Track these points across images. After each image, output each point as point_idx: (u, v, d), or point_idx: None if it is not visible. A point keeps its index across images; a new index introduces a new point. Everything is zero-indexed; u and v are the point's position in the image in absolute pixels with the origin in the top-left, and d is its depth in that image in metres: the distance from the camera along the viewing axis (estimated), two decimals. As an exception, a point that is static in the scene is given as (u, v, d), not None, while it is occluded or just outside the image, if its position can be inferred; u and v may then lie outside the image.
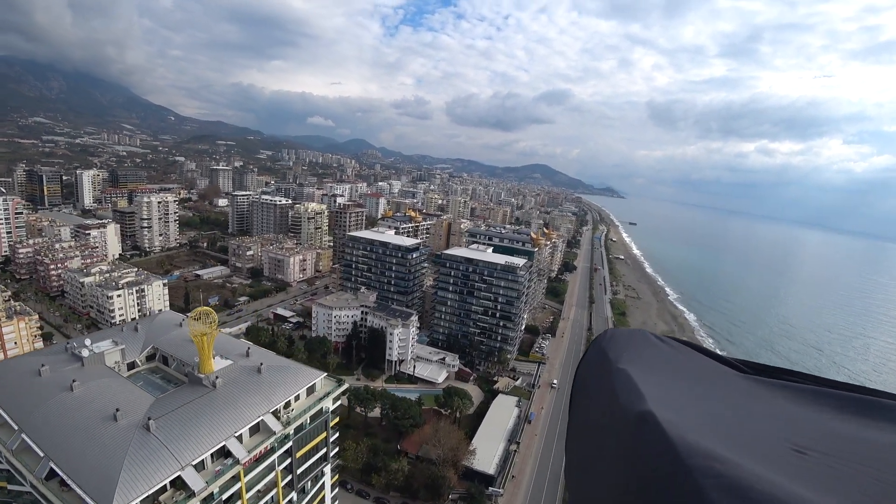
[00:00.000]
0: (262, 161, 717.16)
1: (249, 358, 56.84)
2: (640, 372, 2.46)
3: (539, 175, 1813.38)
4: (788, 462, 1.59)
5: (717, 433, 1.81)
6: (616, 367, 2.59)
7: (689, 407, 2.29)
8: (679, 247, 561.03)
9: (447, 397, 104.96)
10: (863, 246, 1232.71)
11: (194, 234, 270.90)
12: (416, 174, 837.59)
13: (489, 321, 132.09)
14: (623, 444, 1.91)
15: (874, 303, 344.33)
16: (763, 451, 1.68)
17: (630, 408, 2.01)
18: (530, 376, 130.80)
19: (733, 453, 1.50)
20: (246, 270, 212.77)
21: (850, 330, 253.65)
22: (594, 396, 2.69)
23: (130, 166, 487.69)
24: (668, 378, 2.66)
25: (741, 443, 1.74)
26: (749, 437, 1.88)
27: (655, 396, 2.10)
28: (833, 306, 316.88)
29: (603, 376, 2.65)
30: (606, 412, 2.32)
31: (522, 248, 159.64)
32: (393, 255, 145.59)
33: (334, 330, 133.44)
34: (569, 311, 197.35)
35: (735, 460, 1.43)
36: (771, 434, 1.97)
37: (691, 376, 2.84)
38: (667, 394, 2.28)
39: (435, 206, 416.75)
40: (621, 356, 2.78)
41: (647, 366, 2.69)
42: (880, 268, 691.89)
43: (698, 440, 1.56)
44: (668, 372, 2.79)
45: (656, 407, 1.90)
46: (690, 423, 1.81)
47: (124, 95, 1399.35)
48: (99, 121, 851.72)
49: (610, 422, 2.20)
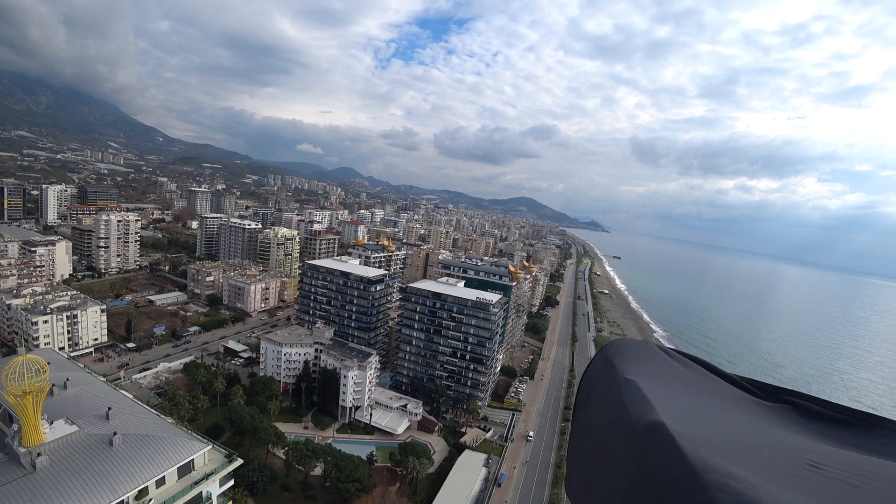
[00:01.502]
0: (247, 185, 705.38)
1: (109, 422, 42.29)
2: (648, 383, 2.40)
3: (524, 208, 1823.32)
4: (804, 478, 1.52)
5: (729, 448, 1.74)
6: (623, 377, 2.52)
7: (700, 421, 2.21)
8: (663, 281, 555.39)
9: (403, 455, 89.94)
10: (838, 280, 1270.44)
11: (158, 257, 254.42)
12: (402, 204, 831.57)
13: (458, 364, 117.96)
14: (631, 455, 1.84)
15: (849, 337, 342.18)
16: (778, 468, 1.61)
17: (639, 418, 1.94)
18: (504, 427, 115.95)
19: (748, 470, 1.44)
20: (205, 297, 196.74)
21: (829, 366, 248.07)
22: (600, 406, 2.61)
23: (110, 184, 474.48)
24: (678, 391, 2.60)
25: (755, 459, 1.66)
26: (762, 454, 1.80)
27: (665, 408, 2.03)
28: (812, 341, 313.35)
29: (609, 386, 2.57)
30: (613, 422, 2.24)
31: (499, 281, 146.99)
32: (354, 286, 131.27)
33: (284, 369, 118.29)
34: (549, 350, 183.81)
35: (750, 478, 1.37)
36: (784, 450, 1.90)
37: (700, 391, 2.77)
38: (677, 406, 2.21)
39: (416, 235, 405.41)
40: (628, 367, 2.71)
41: (656, 378, 2.60)
42: (857, 302, 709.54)
43: (712, 454, 1.50)
44: (677, 385, 2.72)
45: (667, 418, 1.84)
46: (702, 437, 1.75)
47: (113, 114, 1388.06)
48: (85, 138, 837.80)
49: (617, 432, 2.13)
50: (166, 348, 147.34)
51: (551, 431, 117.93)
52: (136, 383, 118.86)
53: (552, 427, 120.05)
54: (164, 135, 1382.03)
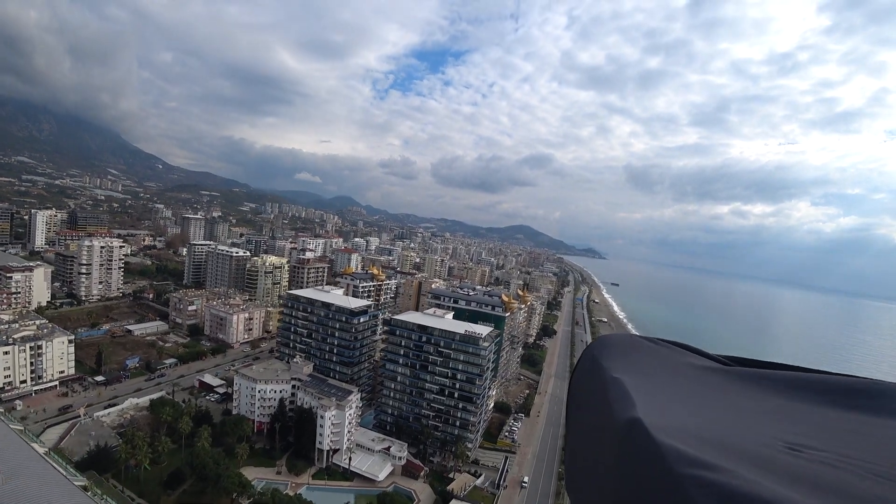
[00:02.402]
0: (244, 213, 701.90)
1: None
2: (630, 378, 2.44)
3: (522, 236, 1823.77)
4: (782, 462, 1.52)
5: (708, 437, 1.74)
6: (609, 374, 2.55)
7: (680, 410, 2.22)
8: (662, 308, 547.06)
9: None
10: (837, 303, 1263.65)
11: (144, 284, 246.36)
12: (399, 232, 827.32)
13: (446, 402, 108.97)
14: (615, 454, 1.84)
15: (852, 363, 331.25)
16: (755, 453, 1.60)
17: (620, 415, 1.95)
18: (496, 471, 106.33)
19: (724, 458, 1.44)
20: (186, 327, 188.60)
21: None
22: (588, 406, 2.64)
23: (105, 210, 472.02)
24: (659, 381, 2.64)
25: (732, 445, 1.67)
26: (740, 438, 1.81)
27: (645, 402, 2.03)
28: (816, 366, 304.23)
29: (595, 384, 2.60)
30: (600, 422, 2.23)
31: (492, 312, 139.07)
32: (336, 318, 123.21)
33: (258, 407, 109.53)
34: (547, 384, 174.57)
35: (726, 466, 1.34)
36: (763, 432, 1.90)
37: (682, 377, 2.79)
38: (657, 398, 2.22)
39: (411, 264, 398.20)
40: (613, 364, 2.73)
41: (638, 370, 2.66)
42: (860, 325, 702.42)
43: (688, 446, 1.49)
44: (660, 375, 2.77)
45: (645, 413, 1.85)
46: (680, 428, 1.76)
47: (114, 141, 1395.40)
48: (85, 164, 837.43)
49: (603, 430, 2.13)
50: (138, 382, 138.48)
51: (548, 476, 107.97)
52: (97, 421, 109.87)
53: (549, 471, 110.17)
54: (164, 162, 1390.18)
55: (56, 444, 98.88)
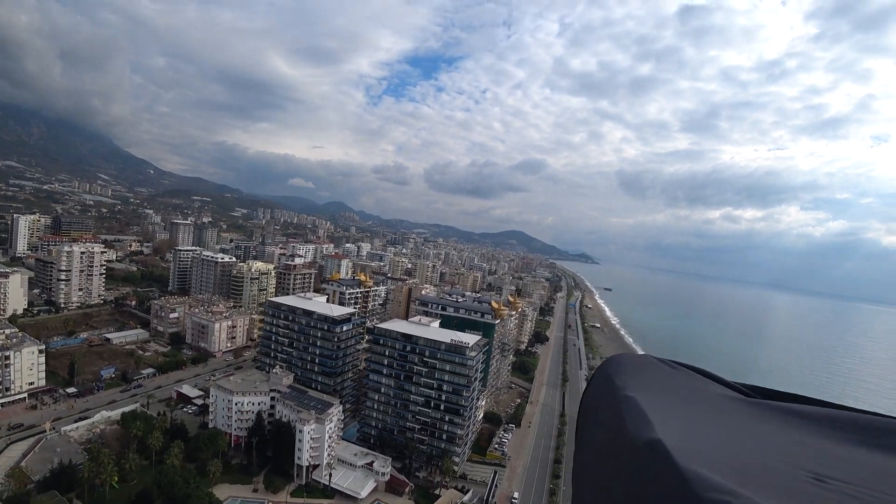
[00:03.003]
0: (235, 219, 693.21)
1: None
2: (647, 398, 2.35)
3: (515, 241, 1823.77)
4: (807, 492, 1.48)
5: (730, 463, 1.67)
6: (623, 394, 2.47)
7: (700, 435, 2.14)
8: (655, 313, 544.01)
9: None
10: (828, 306, 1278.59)
11: (127, 291, 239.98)
12: (391, 237, 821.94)
13: (431, 415, 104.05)
14: (631, 474, 1.80)
15: (844, 365, 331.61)
16: (779, 482, 1.56)
17: (638, 436, 1.88)
18: (485, 486, 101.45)
19: (748, 486, 1.37)
20: (167, 335, 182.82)
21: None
22: (601, 424, 2.57)
23: (94, 216, 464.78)
24: (677, 405, 2.57)
25: (756, 473, 1.60)
26: (764, 467, 1.74)
27: (664, 424, 1.96)
28: (809, 371, 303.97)
29: (610, 403, 2.53)
30: (614, 440, 2.17)
31: (481, 319, 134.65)
32: (318, 326, 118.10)
33: (235, 420, 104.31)
34: (538, 392, 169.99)
35: (750, 493, 1.28)
36: (787, 462, 1.82)
37: (700, 402, 2.72)
38: (677, 421, 2.16)
39: (402, 270, 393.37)
40: (628, 382, 2.66)
41: (655, 392, 2.57)
42: (852, 328, 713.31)
43: (711, 472, 1.43)
44: (677, 398, 2.69)
45: (665, 435, 1.77)
46: (702, 453, 1.69)
47: (106, 146, 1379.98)
48: (75, 169, 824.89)
49: (617, 450, 2.06)
50: (113, 393, 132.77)
51: (539, 492, 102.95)
52: (64, 436, 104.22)
53: (540, 486, 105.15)
54: (156, 167, 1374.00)
55: (17, 463, 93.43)
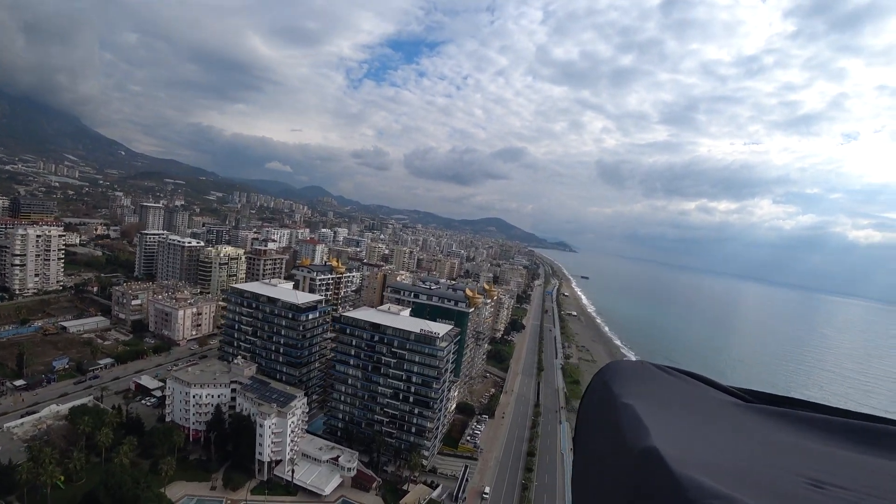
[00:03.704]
0: (210, 202, 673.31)
1: None
2: (644, 405, 2.37)
3: (494, 228, 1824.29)
4: (805, 498, 1.48)
5: (727, 469, 1.70)
6: (620, 401, 2.50)
7: (697, 442, 2.17)
8: (631, 301, 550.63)
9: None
10: (796, 297, 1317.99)
11: (90, 276, 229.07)
12: (370, 223, 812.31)
13: (400, 407, 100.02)
14: (628, 482, 1.81)
15: (814, 354, 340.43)
16: (777, 488, 1.57)
17: (634, 444, 1.90)
18: (455, 480, 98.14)
19: (745, 491, 1.38)
20: (130, 323, 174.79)
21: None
22: (599, 431, 2.59)
23: (60, 198, 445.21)
24: (674, 411, 2.58)
25: (753, 479, 1.61)
26: (761, 473, 1.74)
27: (661, 431, 1.98)
28: (778, 360, 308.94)
29: (607, 410, 2.56)
30: (611, 447, 2.19)
31: (455, 307, 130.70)
32: (282, 314, 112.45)
33: (193, 414, 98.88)
34: (513, 382, 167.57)
35: (747, 499, 1.29)
36: (784, 468, 1.84)
37: (697, 408, 2.75)
38: (673, 428, 2.17)
39: (379, 256, 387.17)
40: (625, 390, 2.69)
41: (651, 399, 2.59)
42: (816, 318, 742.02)
43: (708, 478, 1.44)
44: (673, 405, 2.71)
45: (661, 443, 1.79)
46: (698, 460, 1.71)
47: (73, 125, 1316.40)
48: (39, 149, 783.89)
49: (615, 458, 2.09)
50: (66, 385, 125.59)
51: (511, 485, 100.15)
52: (6, 433, 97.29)
53: (513, 479, 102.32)
54: (128, 149, 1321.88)
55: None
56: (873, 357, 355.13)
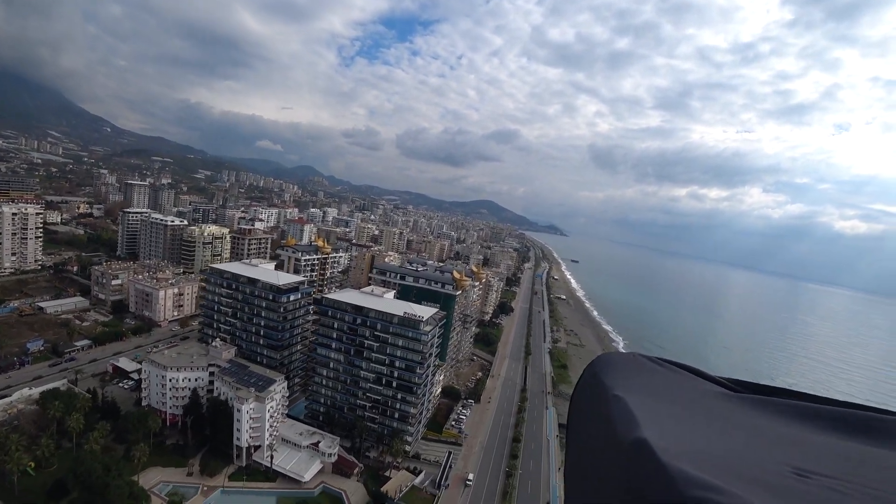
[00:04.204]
0: (198, 181, 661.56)
1: None
2: (634, 397, 2.42)
3: (486, 211, 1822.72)
4: (790, 488, 1.52)
5: (715, 460, 1.73)
6: (611, 393, 2.53)
7: (687, 433, 2.21)
8: (620, 285, 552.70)
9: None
10: (781, 285, 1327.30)
11: (70, 256, 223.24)
12: (361, 203, 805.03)
13: (383, 392, 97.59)
14: (619, 474, 1.83)
15: (800, 345, 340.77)
16: (763, 477, 1.60)
17: (625, 435, 1.93)
18: (439, 466, 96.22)
19: (733, 482, 1.42)
20: (110, 304, 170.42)
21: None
22: (590, 423, 2.62)
23: (41, 175, 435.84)
24: (664, 403, 2.62)
25: (741, 469, 1.64)
26: (749, 463, 1.79)
27: (651, 423, 2.02)
28: (763, 348, 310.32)
29: (598, 402, 2.59)
30: (603, 439, 2.23)
31: (442, 290, 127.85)
32: (262, 296, 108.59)
33: (170, 398, 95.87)
34: (501, 366, 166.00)
35: (734, 490, 1.32)
36: (771, 458, 1.88)
37: (687, 400, 2.80)
38: (663, 420, 2.21)
39: (368, 236, 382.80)
40: (616, 382, 2.73)
41: (642, 391, 2.63)
42: (800, 306, 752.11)
43: (696, 469, 1.47)
44: (663, 396, 2.75)
45: (651, 434, 1.83)
46: (687, 450, 1.74)
47: (56, 101, 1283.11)
48: (22, 125, 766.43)
49: (606, 449, 2.12)
50: (41, 368, 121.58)
51: (496, 472, 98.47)
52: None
53: (497, 466, 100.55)
54: (113, 125, 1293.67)
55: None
56: (855, 346, 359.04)
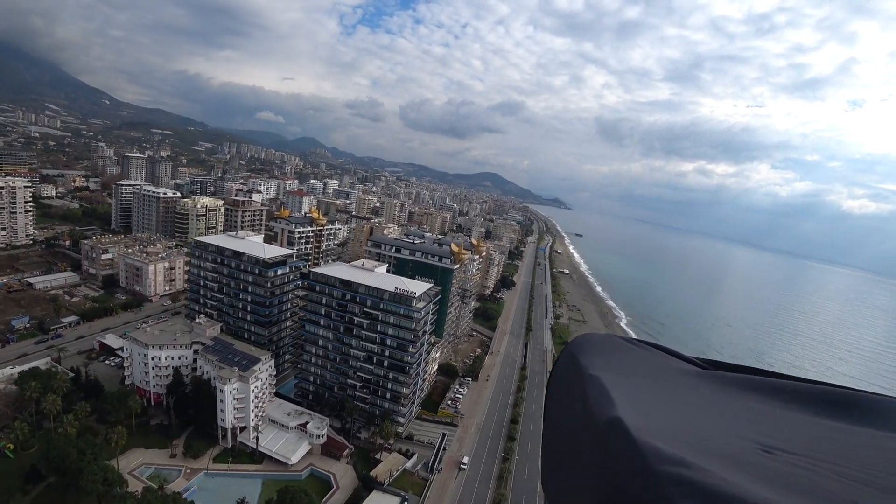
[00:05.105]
0: (198, 153, 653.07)
1: None
2: (610, 377, 2.49)
3: (490, 183, 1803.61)
4: (756, 463, 1.60)
5: (685, 437, 1.81)
6: (587, 373, 2.59)
7: (659, 411, 2.31)
8: (623, 260, 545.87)
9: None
10: (786, 264, 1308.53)
11: (63, 230, 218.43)
12: (363, 175, 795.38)
13: (374, 371, 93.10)
14: (594, 451, 1.91)
15: (805, 324, 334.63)
16: (731, 453, 1.69)
17: (600, 414, 2.01)
18: (432, 448, 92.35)
19: (701, 457, 1.51)
20: (101, 279, 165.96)
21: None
22: (567, 403, 2.68)
23: (38, 148, 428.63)
24: (639, 382, 2.69)
25: (709, 445, 1.75)
26: (717, 439, 1.90)
27: (625, 402, 2.11)
28: (763, 326, 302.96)
29: (575, 382, 2.64)
30: (579, 419, 2.32)
31: (439, 263, 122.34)
32: (248, 270, 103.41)
33: (153, 377, 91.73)
34: (500, 342, 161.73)
35: (702, 465, 1.43)
36: (739, 434, 1.98)
37: (659, 378, 2.89)
38: (637, 398, 2.30)
39: (369, 208, 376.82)
40: (592, 362, 2.79)
41: (618, 370, 2.69)
42: (805, 285, 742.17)
43: (667, 445, 1.56)
44: (639, 376, 2.85)
45: (625, 413, 1.91)
46: (659, 428, 1.82)
47: (52, 73, 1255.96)
48: (18, 98, 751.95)
49: (582, 429, 2.21)
50: (26, 345, 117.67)
51: (492, 455, 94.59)
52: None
53: (493, 448, 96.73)
54: (112, 98, 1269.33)
55: None
56: (860, 327, 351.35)
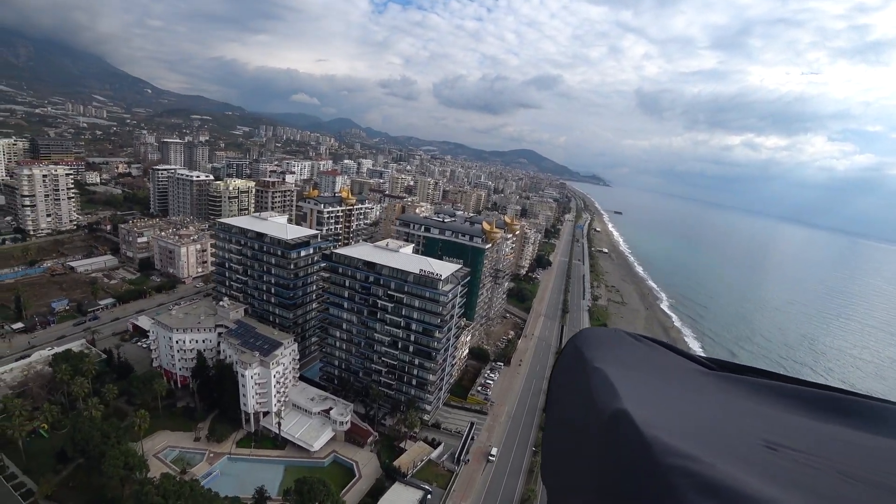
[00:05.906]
0: (235, 137, 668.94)
1: None
2: (615, 370, 2.51)
3: (525, 160, 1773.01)
4: (760, 459, 1.62)
5: (691, 431, 1.83)
6: (592, 365, 2.62)
7: (664, 405, 2.33)
8: (667, 240, 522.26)
9: (299, 497, 63.00)
10: (842, 243, 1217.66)
11: (105, 215, 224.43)
12: (398, 154, 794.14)
13: (399, 357, 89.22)
14: (599, 443, 1.92)
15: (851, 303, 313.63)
16: (736, 449, 1.72)
17: (605, 406, 2.02)
18: (460, 438, 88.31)
19: (707, 451, 1.52)
20: (137, 261, 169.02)
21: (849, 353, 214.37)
22: (571, 395, 2.70)
23: (87, 137, 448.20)
24: (644, 377, 2.73)
25: (714, 440, 1.77)
26: (722, 435, 1.92)
27: (631, 395, 2.12)
28: (816, 316, 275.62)
29: (579, 375, 2.65)
30: (583, 411, 2.32)
31: (470, 243, 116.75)
32: (271, 251, 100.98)
33: (178, 360, 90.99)
34: (535, 325, 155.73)
35: (708, 459, 1.45)
36: (743, 431, 2.02)
37: (666, 375, 2.93)
38: (642, 392, 2.32)
39: (402, 187, 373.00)
40: (597, 355, 2.80)
41: (623, 364, 2.72)
42: (861, 266, 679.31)
43: (673, 439, 1.57)
44: (643, 371, 2.87)
45: (631, 405, 1.92)
46: (665, 422, 1.83)
47: (98, 65, 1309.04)
48: (68, 91, 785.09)
49: (586, 420, 2.22)
50: (65, 327, 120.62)
51: (522, 446, 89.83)
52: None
53: (524, 439, 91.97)
54: (154, 86, 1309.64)
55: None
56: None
